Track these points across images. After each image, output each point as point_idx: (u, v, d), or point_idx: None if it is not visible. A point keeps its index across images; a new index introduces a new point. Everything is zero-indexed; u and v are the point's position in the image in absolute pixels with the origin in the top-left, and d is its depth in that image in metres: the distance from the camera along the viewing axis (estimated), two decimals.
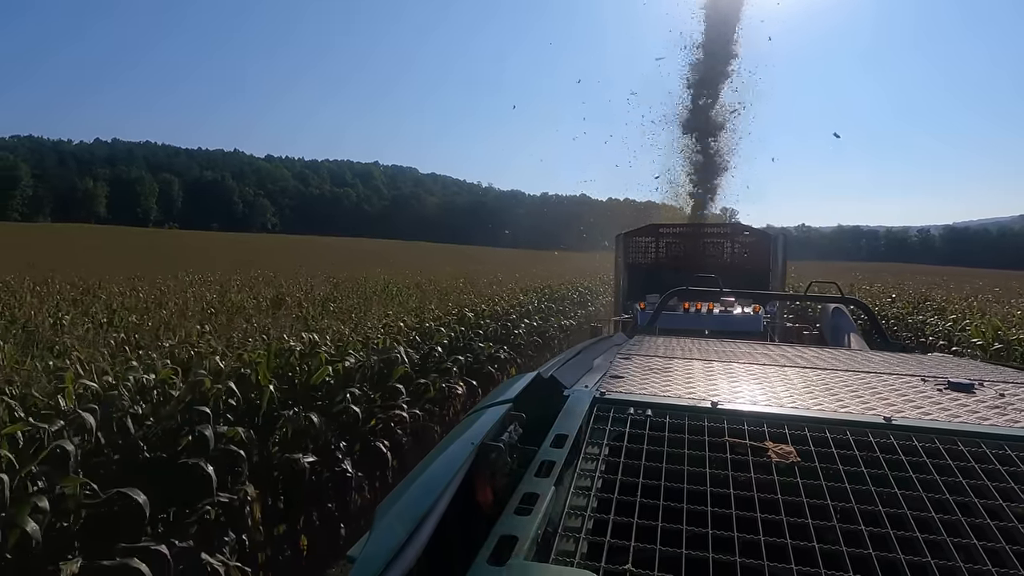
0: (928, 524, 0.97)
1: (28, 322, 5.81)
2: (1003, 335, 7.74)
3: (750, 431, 1.25)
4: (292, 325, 6.40)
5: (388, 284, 13.62)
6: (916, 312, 12.89)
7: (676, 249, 9.84)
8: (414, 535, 0.79)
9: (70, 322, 6.01)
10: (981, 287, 21.00)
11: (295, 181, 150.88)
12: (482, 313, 10.06)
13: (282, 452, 4.73)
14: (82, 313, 7.19)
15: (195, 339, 5.05)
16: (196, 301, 8.30)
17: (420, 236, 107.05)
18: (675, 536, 0.91)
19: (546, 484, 0.95)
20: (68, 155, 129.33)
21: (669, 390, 1.58)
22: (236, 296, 9.11)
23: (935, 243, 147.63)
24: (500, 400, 1.31)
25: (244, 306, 8.05)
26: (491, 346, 8.85)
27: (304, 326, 6.24)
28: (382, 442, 5.72)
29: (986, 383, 1.83)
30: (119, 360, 4.12)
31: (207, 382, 3.93)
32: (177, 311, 6.79)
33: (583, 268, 26.28)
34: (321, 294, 10.89)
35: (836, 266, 48.30)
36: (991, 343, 7.57)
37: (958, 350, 8.23)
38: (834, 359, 2.36)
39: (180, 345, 4.85)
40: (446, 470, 0.96)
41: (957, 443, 1.22)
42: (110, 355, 4.39)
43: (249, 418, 4.44)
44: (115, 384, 3.71)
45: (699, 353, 2.37)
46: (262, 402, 4.44)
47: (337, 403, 5.36)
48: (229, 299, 8.69)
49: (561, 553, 0.86)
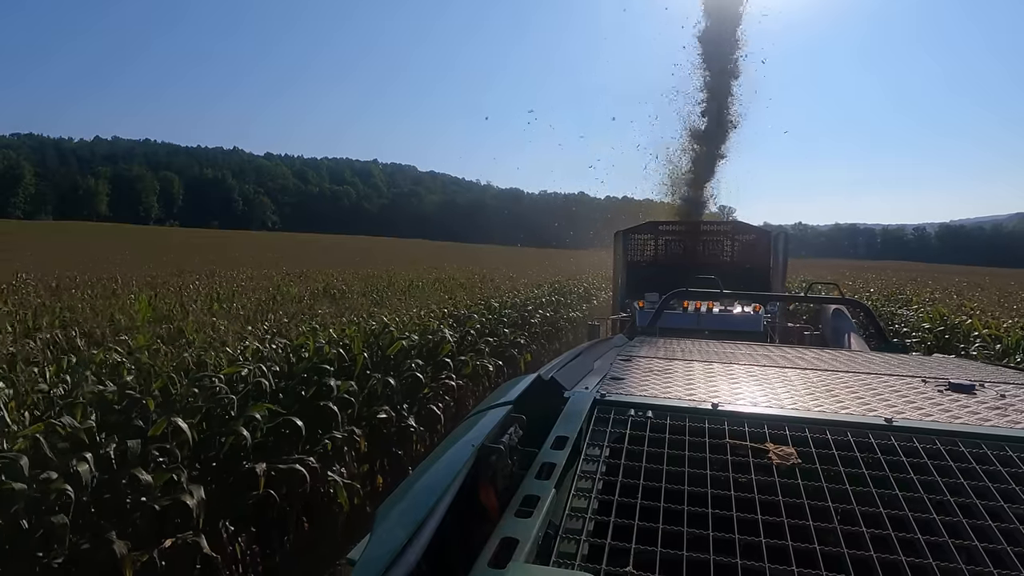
0: (929, 525, 0.97)
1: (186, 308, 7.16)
2: (948, 320, 9.35)
3: (751, 433, 1.25)
4: (353, 311, 7.72)
5: (412, 280, 14.98)
6: (887, 303, 14.40)
7: (676, 247, 9.79)
8: (415, 537, 0.80)
9: (219, 309, 7.40)
10: (957, 283, 22.43)
11: (295, 179, 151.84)
12: (505, 303, 11.43)
13: (368, 406, 6.09)
14: (217, 301, 8.61)
15: (294, 319, 6.40)
16: (264, 291, 9.61)
17: (420, 234, 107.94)
18: (676, 538, 0.92)
19: (547, 486, 0.95)
20: (69, 153, 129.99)
21: (670, 392, 1.59)
22: (293, 289, 10.40)
23: (931, 241, 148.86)
24: (500, 402, 1.31)
25: (303, 296, 9.35)
26: (514, 331, 10.24)
27: (366, 312, 7.57)
28: (436, 404, 7.09)
29: (987, 384, 1.84)
30: (256, 332, 5.49)
31: (327, 348, 5.29)
32: (265, 299, 8.13)
33: (581, 265, 27.35)
34: (355, 288, 12.23)
35: (832, 264, 48.97)
36: (936, 326, 9.13)
37: (909, 330, 9.76)
38: (834, 360, 2.37)
39: (283, 323, 6.20)
40: (447, 472, 0.97)
41: (958, 444, 1.22)
42: (241, 328, 5.75)
43: (346, 378, 5.80)
44: (259, 349, 5.08)
45: (699, 355, 2.38)
46: (356, 367, 5.79)
47: (404, 371, 6.72)
48: (286, 291, 9.99)
49: (562, 555, 0.87)
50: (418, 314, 7.98)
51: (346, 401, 5.12)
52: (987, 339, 8.11)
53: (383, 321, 6.86)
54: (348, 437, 5.23)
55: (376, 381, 6.04)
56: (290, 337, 5.59)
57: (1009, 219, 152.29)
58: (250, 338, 5.00)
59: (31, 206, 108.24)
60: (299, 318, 6.46)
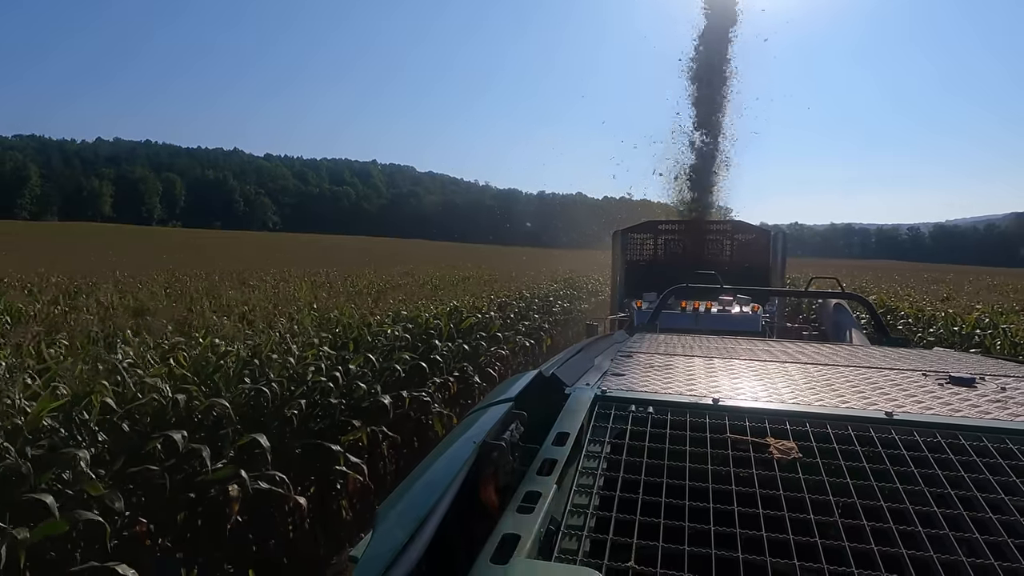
0: (930, 518, 0.97)
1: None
2: (891, 306, 11.94)
3: (752, 427, 1.26)
4: (411, 300, 9.87)
5: (441, 277, 17.20)
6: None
7: (675, 246, 9.90)
8: (417, 535, 0.80)
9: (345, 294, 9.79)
10: (927, 279, 24.76)
11: (295, 180, 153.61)
12: (534, 295, 13.77)
13: (455, 362, 8.26)
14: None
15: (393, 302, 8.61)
16: (323, 288, 11.83)
17: (420, 234, 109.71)
18: (678, 533, 0.92)
19: (548, 482, 0.96)
20: (72, 154, 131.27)
21: (670, 387, 1.61)
22: (345, 286, 12.60)
23: (924, 241, 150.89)
24: (502, 399, 1.33)
25: (363, 291, 11.51)
26: (542, 316, 12.51)
27: (428, 300, 9.76)
28: (492, 367, 9.28)
29: (987, 377, 1.86)
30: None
31: (431, 319, 7.51)
32: (335, 294, 10.35)
33: (584, 265, 29.08)
34: (408, 282, 14.49)
35: (826, 263, 50.16)
36: (878, 308, 11.66)
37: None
38: (835, 355, 2.38)
39: (390, 304, 8.41)
40: (448, 469, 0.98)
41: (959, 437, 1.23)
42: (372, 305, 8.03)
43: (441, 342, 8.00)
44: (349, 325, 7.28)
45: (700, 350, 2.40)
46: (443, 335, 7.97)
47: (471, 341, 8.90)
48: (336, 288, 12.20)
49: (564, 551, 0.87)
50: (471, 301, 10.20)
51: (435, 361, 7.30)
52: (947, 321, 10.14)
53: (454, 305, 9.08)
54: (443, 382, 7.39)
55: (456, 346, 8.19)
56: (398, 312, 7.80)
57: (1004, 219, 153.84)
58: (380, 314, 7.21)
59: (37, 207, 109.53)
60: (394, 302, 8.63)
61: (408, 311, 7.79)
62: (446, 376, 7.39)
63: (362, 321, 6.64)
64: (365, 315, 7.01)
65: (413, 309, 7.96)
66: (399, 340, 6.76)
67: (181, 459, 3.72)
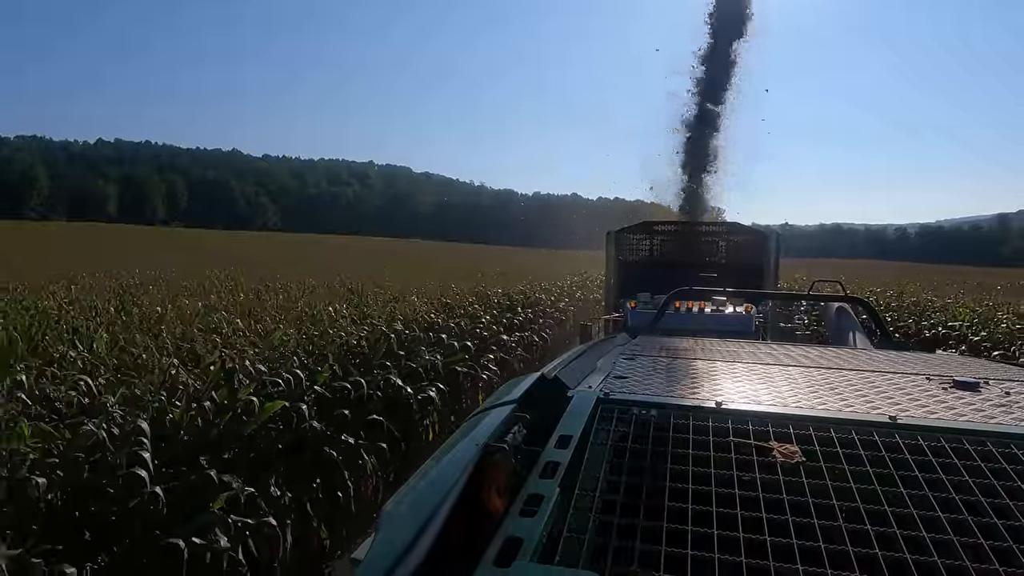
0: (935, 523, 0.97)
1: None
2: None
3: (754, 431, 1.26)
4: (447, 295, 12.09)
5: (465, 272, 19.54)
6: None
7: (669, 247, 9.92)
8: (419, 537, 0.80)
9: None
10: (899, 277, 27.05)
11: (293, 180, 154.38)
12: (561, 289, 16.31)
13: (504, 333, 10.48)
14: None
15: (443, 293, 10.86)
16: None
17: (418, 234, 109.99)
18: (680, 537, 0.92)
19: (551, 485, 0.97)
20: (76, 155, 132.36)
21: (673, 390, 1.62)
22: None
23: (911, 241, 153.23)
24: (504, 401, 1.33)
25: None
26: (561, 307, 14.92)
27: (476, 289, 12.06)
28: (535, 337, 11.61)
29: (991, 381, 1.85)
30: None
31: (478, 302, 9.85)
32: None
33: (577, 264, 30.07)
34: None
35: (819, 263, 49.85)
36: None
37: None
38: (838, 358, 2.38)
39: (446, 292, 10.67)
40: (451, 472, 0.98)
41: (963, 442, 1.23)
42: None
43: (490, 319, 10.26)
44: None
45: (703, 353, 2.40)
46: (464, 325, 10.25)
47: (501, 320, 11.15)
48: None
49: (566, 554, 0.87)
50: (506, 293, 12.59)
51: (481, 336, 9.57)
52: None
53: (498, 292, 11.47)
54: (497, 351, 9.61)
55: (505, 321, 10.45)
56: (451, 296, 10.14)
57: (990, 220, 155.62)
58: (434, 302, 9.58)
59: (45, 208, 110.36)
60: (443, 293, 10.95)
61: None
62: (493, 347, 9.76)
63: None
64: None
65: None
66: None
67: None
